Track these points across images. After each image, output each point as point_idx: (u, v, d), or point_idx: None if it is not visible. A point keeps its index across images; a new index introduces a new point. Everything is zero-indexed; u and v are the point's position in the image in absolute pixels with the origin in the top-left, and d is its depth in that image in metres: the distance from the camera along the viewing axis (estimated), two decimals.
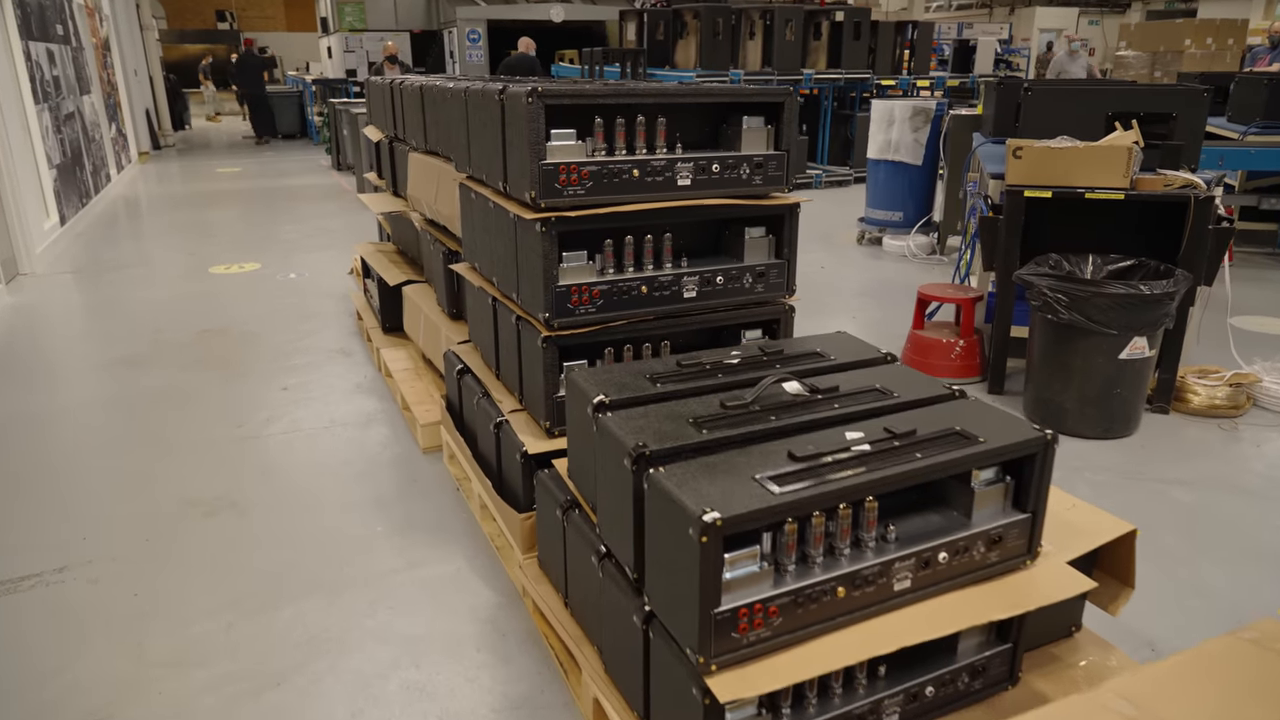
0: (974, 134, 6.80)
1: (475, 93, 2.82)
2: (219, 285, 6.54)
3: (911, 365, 4.48)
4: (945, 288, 4.61)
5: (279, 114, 18.64)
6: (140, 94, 15.86)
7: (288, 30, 30.57)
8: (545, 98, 2.33)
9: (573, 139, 2.42)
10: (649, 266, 2.61)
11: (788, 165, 2.70)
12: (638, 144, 2.52)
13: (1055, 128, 4.52)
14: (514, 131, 2.46)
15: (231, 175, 12.78)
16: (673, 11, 11.95)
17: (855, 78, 11.34)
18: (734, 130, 2.67)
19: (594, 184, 2.44)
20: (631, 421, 1.88)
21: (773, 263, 2.76)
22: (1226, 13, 20.70)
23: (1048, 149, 3.98)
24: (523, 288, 2.63)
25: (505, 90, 2.51)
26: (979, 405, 2.00)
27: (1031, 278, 3.72)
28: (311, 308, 5.89)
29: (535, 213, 2.41)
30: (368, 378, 4.63)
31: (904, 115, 7.27)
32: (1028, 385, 4.02)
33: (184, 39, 27.89)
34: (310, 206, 9.99)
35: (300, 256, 7.45)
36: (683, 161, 2.55)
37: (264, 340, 5.24)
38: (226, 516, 3.22)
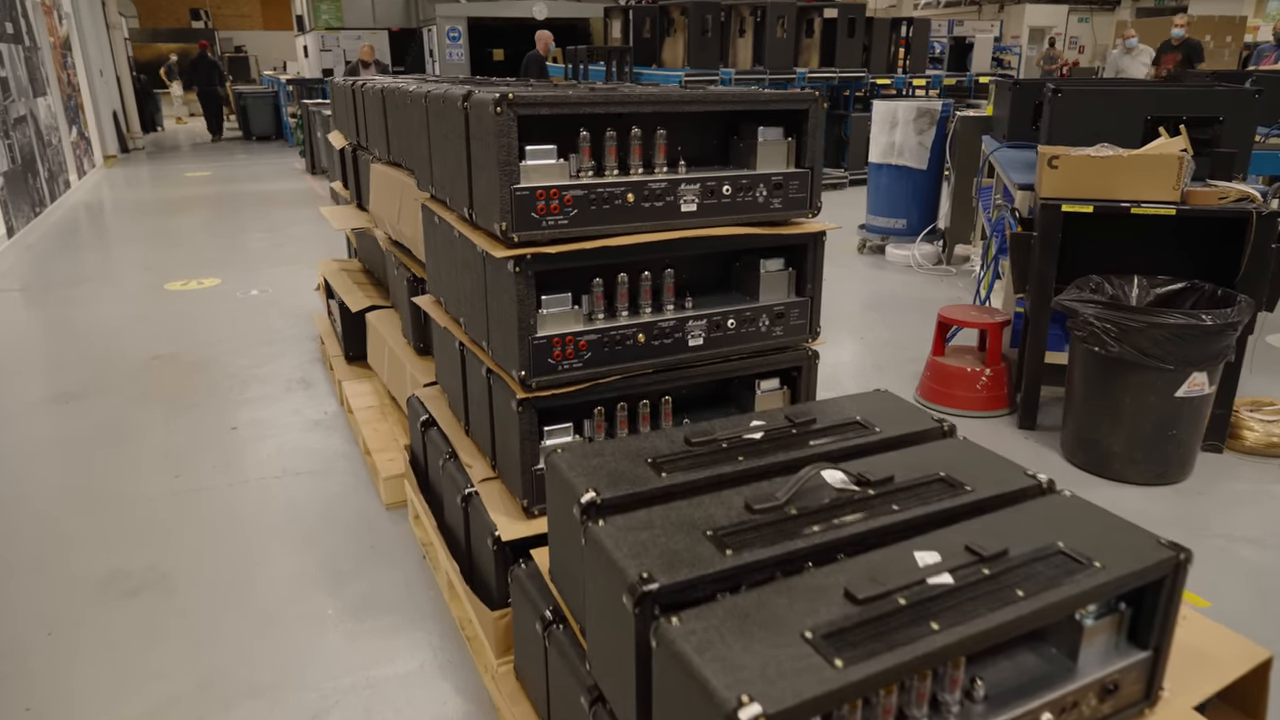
0: (983, 137, 6.40)
1: (436, 98, 2.36)
2: (175, 304, 6.04)
3: (932, 396, 4.06)
4: (967, 310, 4.18)
5: (253, 115, 18.09)
6: (106, 95, 15.26)
7: (264, 28, 29.90)
8: (518, 106, 1.88)
9: (552, 157, 1.97)
10: (646, 310, 2.16)
11: (812, 185, 2.25)
12: (632, 161, 2.07)
13: (1087, 133, 4.10)
14: (481, 147, 2.00)
15: (200, 180, 12.24)
16: (659, 8, 11.49)
17: (850, 77, 10.93)
18: (747, 144, 2.23)
19: (579, 212, 1.99)
20: (632, 534, 1.43)
21: (793, 301, 2.32)
22: (1218, 9, 20.46)
23: (1087, 158, 3.56)
24: (494, 336, 2.17)
25: (470, 96, 2.06)
26: (1078, 505, 1.56)
27: (1076, 305, 3.29)
28: (272, 329, 5.40)
29: (507, 249, 1.95)
30: (328, 413, 4.16)
31: (908, 117, 6.85)
32: (1067, 422, 3.59)
33: (156, 38, 27.18)
34: (280, 213, 9.48)
35: (265, 270, 6.95)
36: (687, 183, 2.10)
37: (218, 368, 4.75)
38: (152, 595, 2.75)
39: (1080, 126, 4.14)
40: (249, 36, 29.64)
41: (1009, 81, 5.70)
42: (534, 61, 10.26)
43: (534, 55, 10.37)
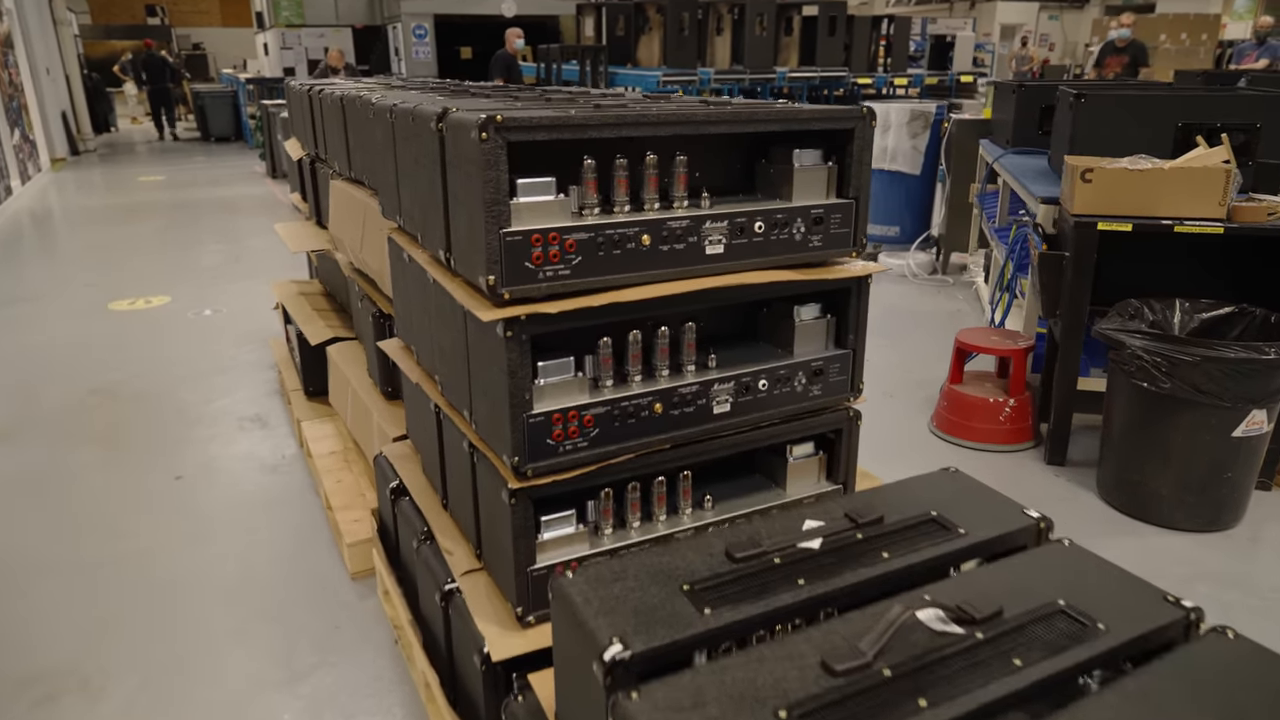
0: (982, 141, 6.10)
1: (404, 115, 1.97)
2: (118, 326, 5.56)
3: (949, 428, 3.73)
4: (987, 334, 3.85)
5: (211, 115, 17.43)
6: (54, 95, 14.56)
7: (223, 25, 29.05)
8: (508, 130, 1.49)
9: (551, 191, 1.59)
10: (664, 372, 1.78)
11: (856, 219, 1.89)
12: (647, 194, 1.70)
13: (1112, 141, 3.79)
14: (461, 181, 1.61)
15: (153, 185, 11.65)
16: (634, 6, 11.10)
17: (831, 76, 10.62)
18: (780, 170, 1.86)
19: (584, 259, 1.61)
20: (681, 717, 1.06)
21: (834, 354, 1.95)
22: (1184, 7, 20.49)
23: (1125, 172, 3.24)
24: (479, 407, 1.78)
25: (445, 116, 1.66)
26: (1246, 648, 1.21)
27: (1121, 336, 2.97)
28: (226, 356, 4.95)
29: (496, 308, 1.57)
30: (286, 457, 3.73)
31: (901, 120, 6.54)
32: (1104, 462, 3.28)
33: (110, 34, 26.27)
34: (238, 222, 8.97)
35: (220, 287, 6.47)
36: (714, 220, 1.72)
37: (163, 403, 4.30)
38: (71, 704, 2.32)
39: (1105, 134, 3.83)
40: (207, 33, 28.78)
41: (1011, 84, 5.40)
42: (502, 61, 9.77)
43: (502, 54, 9.86)
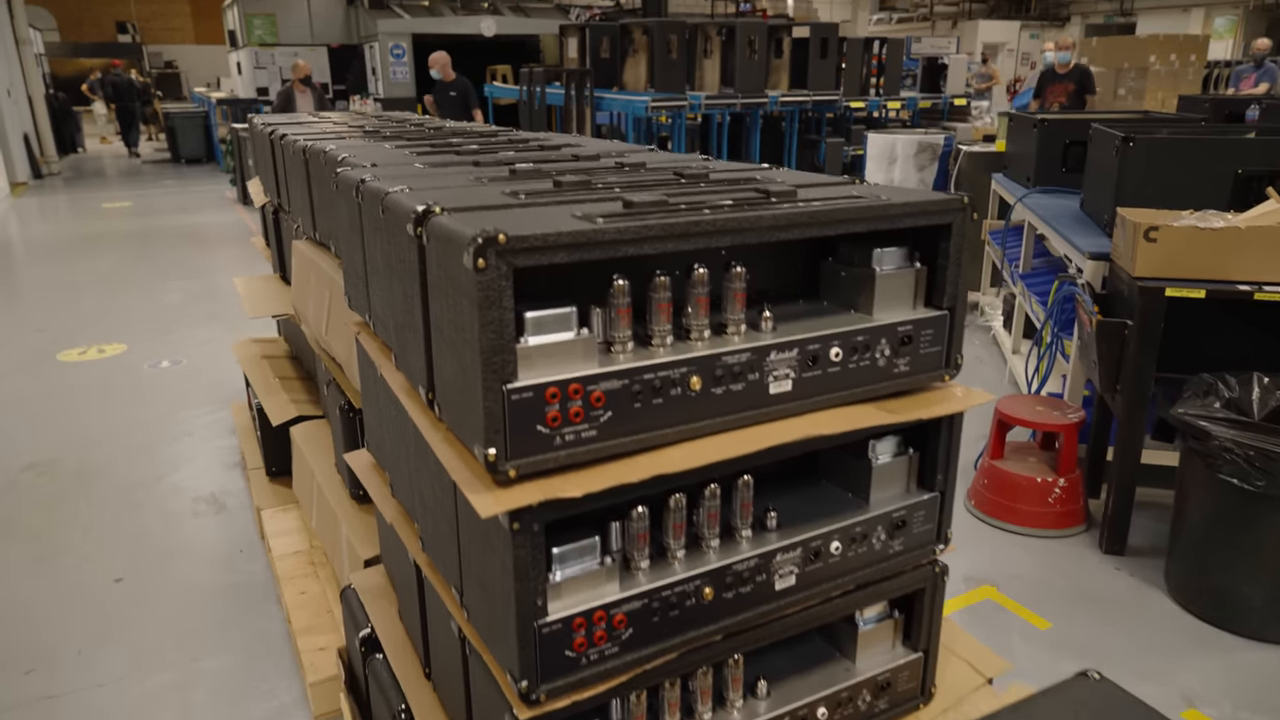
0: (994, 175, 5.77)
1: (373, 197, 1.55)
2: (66, 381, 5.07)
3: (991, 509, 3.34)
4: (1030, 405, 3.47)
5: (182, 136, 16.91)
6: (15, 117, 14.01)
7: (196, 43, 28.48)
8: (514, 254, 1.08)
9: (570, 326, 1.17)
10: (712, 543, 1.37)
11: (951, 334, 1.49)
12: (693, 319, 1.29)
13: (1164, 190, 3.44)
14: (449, 311, 1.20)
15: (118, 212, 11.13)
16: (620, 27, 10.74)
17: (823, 99, 10.30)
18: (855, 275, 1.46)
19: (615, 414, 1.20)
20: None
21: (919, 501, 1.55)
22: (1165, 26, 20.47)
23: (1196, 231, 2.88)
24: (473, 595, 1.36)
25: (427, 220, 1.25)
26: None
27: (1204, 423, 2.59)
28: (182, 420, 4.49)
29: (499, 488, 1.15)
30: (244, 551, 3.28)
31: (907, 152, 6.19)
32: (1176, 557, 2.90)
33: (79, 52, 25.64)
34: (204, 255, 8.49)
35: (181, 332, 6.00)
36: (780, 350, 1.32)
37: (107, 480, 3.83)
38: None
39: (1156, 183, 3.48)
40: (180, 51, 28.21)
41: (1031, 118, 5.06)
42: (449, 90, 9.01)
43: (462, 82, 9.09)
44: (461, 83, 8.93)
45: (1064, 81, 8.46)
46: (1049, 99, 8.48)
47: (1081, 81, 8.47)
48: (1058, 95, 8.43)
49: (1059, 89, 8.45)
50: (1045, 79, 8.71)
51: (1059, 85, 8.45)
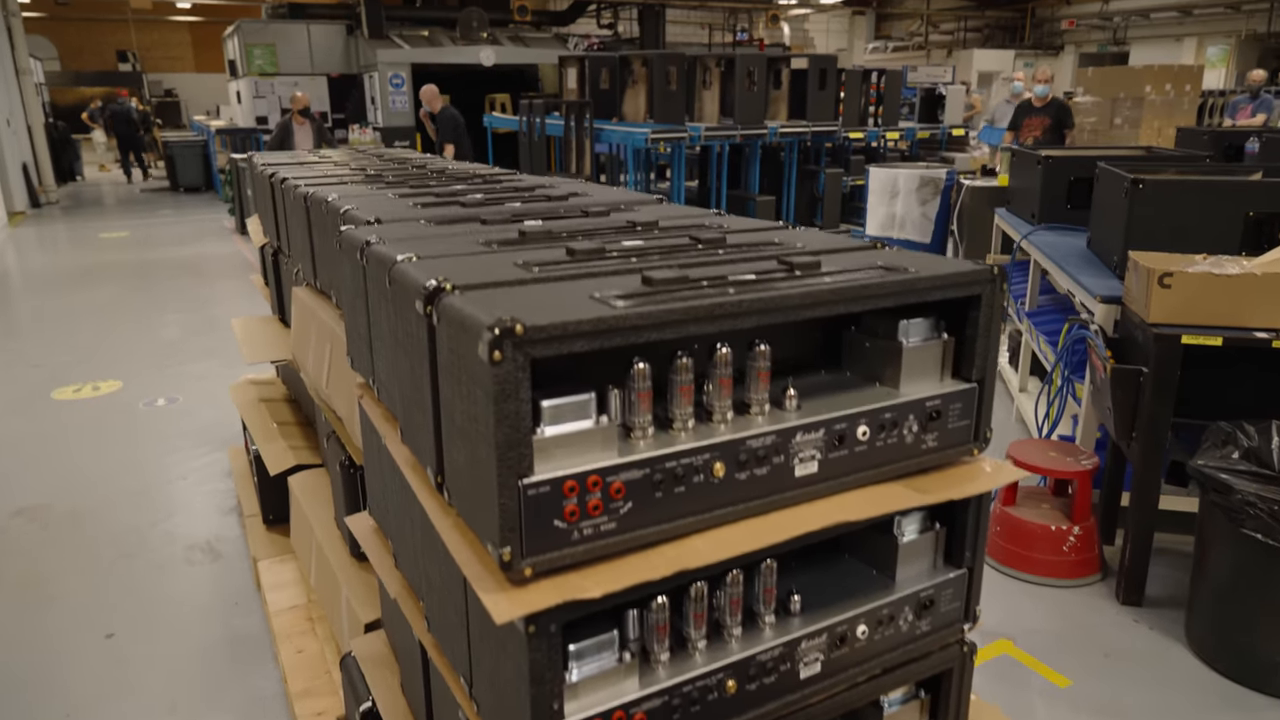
0: (997, 210, 5.75)
1: (379, 263, 1.49)
2: (59, 421, 5.00)
3: (1004, 558, 3.27)
4: (1042, 450, 3.41)
5: (181, 165, 16.92)
6: (14, 147, 14.02)
7: (196, 71, 28.62)
8: (532, 344, 1.02)
9: (589, 415, 1.11)
10: (734, 634, 1.30)
11: (980, 408, 1.43)
12: (716, 401, 1.23)
13: (1173, 232, 3.41)
14: (462, 399, 1.14)
15: (116, 242, 11.09)
16: (619, 59, 10.79)
17: (822, 130, 10.33)
18: (880, 347, 1.40)
19: (635, 505, 1.14)
20: None
21: (946, 579, 1.49)
22: (1157, 55, 20.65)
23: (1211, 277, 2.83)
24: (484, 689, 1.29)
25: (438, 300, 1.19)
26: None
27: (1226, 477, 2.53)
28: (177, 463, 4.41)
29: (514, 587, 1.08)
30: (240, 603, 3.20)
31: (910, 186, 6.18)
32: (1198, 612, 2.82)
33: (80, 81, 25.75)
34: (202, 288, 8.44)
35: (178, 368, 5.93)
36: (806, 430, 1.26)
37: (99, 526, 3.75)
38: None
39: (1166, 225, 3.45)
40: (180, 79, 28.34)
41: (1035, 155, 5.04)
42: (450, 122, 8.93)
43: (449, 113, 9.05)
44: (444, 115, 8.96)
45: (1040, 115, 8.18)
46: (1024, 133, 8.19)
47: (1059, 116, 8.19)
48: (1034, 129, 8.17)
49: (1035, 122, 8.18)
50: (1021, 111, 8.41)
51: (1035, 119, 8.19)
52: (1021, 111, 8.37)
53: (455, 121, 8.86)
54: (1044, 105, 8.16)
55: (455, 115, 8.90)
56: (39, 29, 24.55)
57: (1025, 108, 8.34)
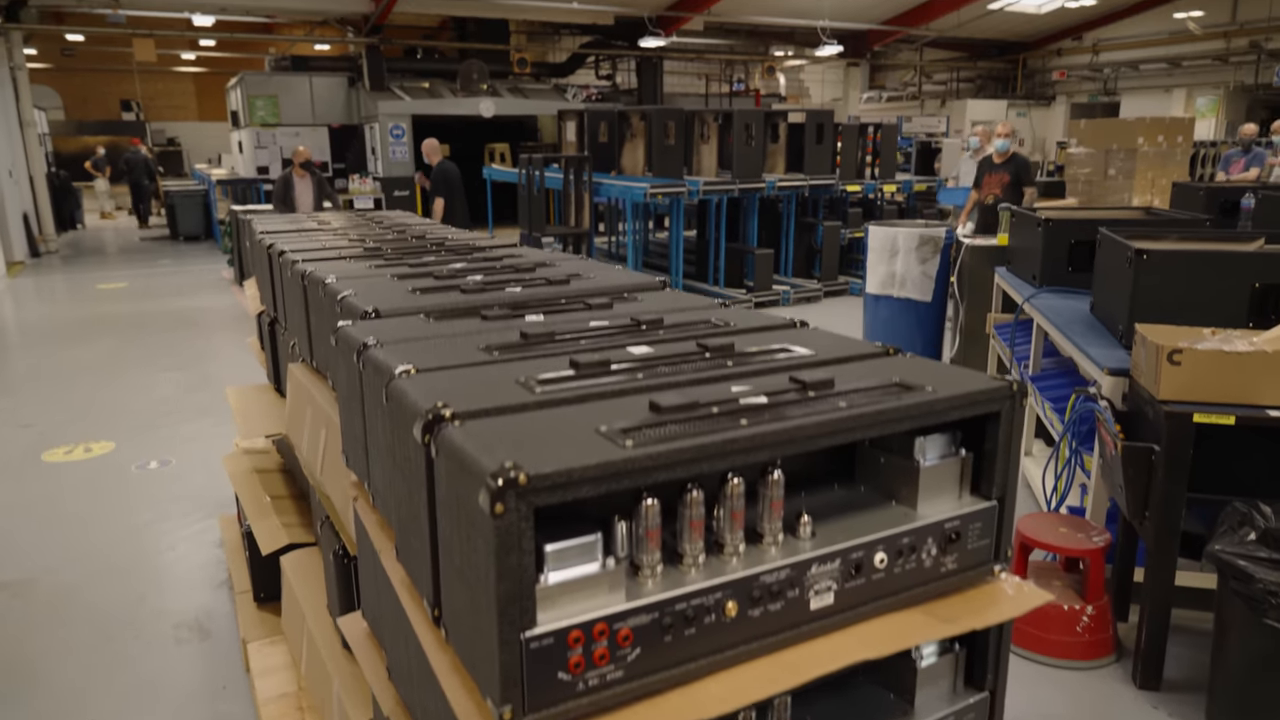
0: (997, 270, 5.74)
1: (376, 372, 1.45)
2: (48, 486, 4.91)
3: (1017, 638, 3.17)
4: (1053, 524, 3.34)
5: (181, 214, 17.00)
6: (15, 197, 14.08)
7: (199, 120, 28.94)
8: (534, 493, 0.97)
9: (595, 557, 1.05)
10: None
11: (1000, 526, 1.38)
12: (728, 534, 1.17)
13: (1178, 303, 3.38)
14: (461, 542, 1.08)
15: (113, 294, 11.07)
16: (618, 113, 10.91)
17: (819, 183, 10.39)
18: (895, 465, 1.35)
19: (643, 650, 1.07)
20: None
21: (966, 704, 1.41)
22: (1147, 106, 20.95)
23: (1221, 355, 2.79)
24: None
25: (438, 430, 1.14)
26: None
27: (1246, 564, 2.46)
28: (167, 531, 4.32)
29: None
30: (229, 684, 3.10)
31: (909, 245, 6.18)
32: (1219, 703, 2.73)
33: (82, 130, 26.01)
34: (199, 341, 8.40)
35: (171, 428, 5.86)
36: (822, 561, 1.20)
37: (85, 604, 3.65)
38: None
39: (1171, 294, 3.42)
40: (183, 128, 28.65)
41: (1035, 216, 5.04)
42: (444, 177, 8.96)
43: (446, 167, 9.06)
44: (437, 170, 9.03)
45: (1000, 171, 7.86)
46: (985, 190, 7.94)
47: (1018, 174, 7.84)
48: (993, 186, 7.86)
49: (994, 179, 7.88)
50: (982, 168, 8.14)
51: (995, 175, 7.88)
52: (982, 168, 8.15)
53: (447, 177, 8.92)
54: (1004, 161, 7.90)
55: (448, 171, 8.96)
56: (45, 79, 24.87)
57: (986, 164, 8.11)
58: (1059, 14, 20.69)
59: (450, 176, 8.93)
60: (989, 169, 7.98)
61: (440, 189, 8.89)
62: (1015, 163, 7.90)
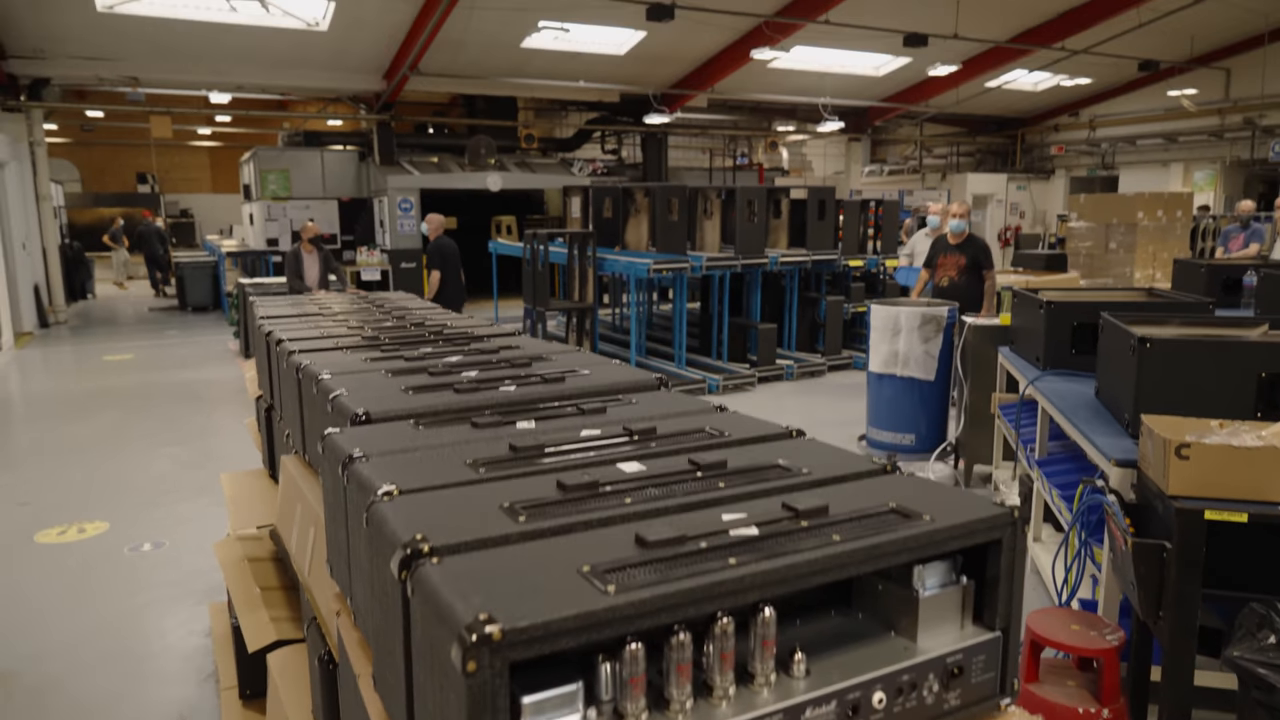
0: (1001, 349, 5.72)
1: (360, 491, 1.41)
2: (39, 569, 4.83)
3: None
4: (1064, 621, 3.23)
5: (190, 285, 17.20)
6: (28, 268, 14.28)
7: (213, 192, 29.52)
8: (510, 648, 0.92)
9: (575, 707, 1.00)
10: None
11: (1006, 657, 1.31)
12: (716, 678, 1.11)
13: (1183, 392, 3.34)
14: (434, 688, 1.03)
15: (118, 366, 11.11)
16: (622, 189, 11.08)
17: (822, 259, 10.47)
18: (894, 595, 1.30)
19: None
20: None
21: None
22: (1145, 179, 21.23)
23: (1230, 450, 2.74)
24: None
25: (414, 569, 1.09)
26: None
27: (1267, 673, 2.37)
28: (155, 618, 4.23)
29: None
30: None
31: (912, 324, 6.18)
32: None
33: (98, 202, 26.51)
34: (200, 416, 8.38)
35: (168, 508, 5.79)
36: (817, 704, 1.14)
37: (66, 699, 3.55)
38: None
39: (1177, 384, 3.38)
40: (196, 199, 29.19)
41: (1037, 298, 5.04)
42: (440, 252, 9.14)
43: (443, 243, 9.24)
44: (434, 245, 9.21)
45: (956, 253, 7.36)
46: (940, 272, 7.49)
47: (976, 257, 7.36)
48: (949, 269, 7.41)
49: (950, 261, 7.40)
50: (937, 248, 7.65)
51: (950, 257, 7.40)
52: (937, 248, 7.67)
53: (443, 253, 9.13)
54: (960, 242, 7.39)
55: (444, 247, 9.19)
56: (64, 153, 25.48)
57: (941, 245, 7.62)
58: (1055, 91, 21.18)
59: (447, 252, 9.14)
60: (944, 250, 7.50)
61: (436, 262, 9.12)
62: (973, 245, 7.45)
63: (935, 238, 8.05)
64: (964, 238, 7.44)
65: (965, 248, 7.38)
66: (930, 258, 7.71)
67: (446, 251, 9.14)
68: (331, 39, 13.75)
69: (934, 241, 7.94)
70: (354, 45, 14.27)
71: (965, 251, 7.36)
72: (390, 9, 12.65)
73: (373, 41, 14.17)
